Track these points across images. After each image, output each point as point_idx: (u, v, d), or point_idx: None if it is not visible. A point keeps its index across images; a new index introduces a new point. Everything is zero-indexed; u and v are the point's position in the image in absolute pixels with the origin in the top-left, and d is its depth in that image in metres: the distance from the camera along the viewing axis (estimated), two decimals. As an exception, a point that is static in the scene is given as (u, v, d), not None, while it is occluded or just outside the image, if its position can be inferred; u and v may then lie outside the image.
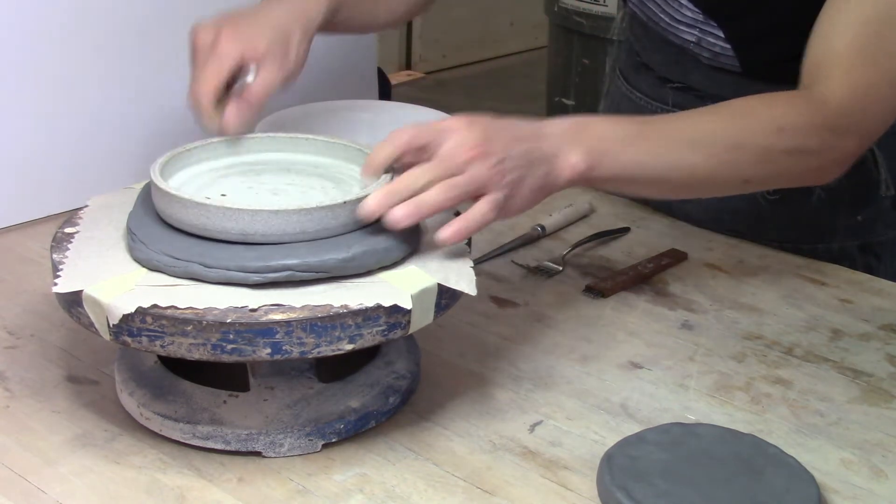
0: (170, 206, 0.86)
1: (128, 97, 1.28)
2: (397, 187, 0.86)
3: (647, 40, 1.27)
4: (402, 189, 0.86)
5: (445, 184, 0.86)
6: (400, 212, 0.85)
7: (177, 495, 0.82)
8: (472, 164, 0.86)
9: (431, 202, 0.86)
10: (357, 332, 0.81)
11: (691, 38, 1.18)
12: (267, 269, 0.82)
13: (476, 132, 0.88)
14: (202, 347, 0.80)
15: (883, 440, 0.90)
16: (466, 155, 0.86)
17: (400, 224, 0.85)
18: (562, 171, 0.91)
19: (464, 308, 1.05)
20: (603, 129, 0.94)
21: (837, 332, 1.05)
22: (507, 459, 0.87)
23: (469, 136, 0.87)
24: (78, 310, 0.83)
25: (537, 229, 1.23)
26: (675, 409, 0.93)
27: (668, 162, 0.95)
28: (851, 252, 1.23)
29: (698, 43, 1.18)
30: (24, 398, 0.92)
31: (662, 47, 1.24)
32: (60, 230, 0.92)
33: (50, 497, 0.81)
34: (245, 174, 0.96)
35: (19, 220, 1.22)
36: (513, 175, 0.88)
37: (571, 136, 0.92)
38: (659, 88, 1.26)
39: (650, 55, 1.27)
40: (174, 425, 0.86)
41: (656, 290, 1.12)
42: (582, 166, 0.91)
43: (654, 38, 1.25)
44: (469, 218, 0.87)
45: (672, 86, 1.25)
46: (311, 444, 0.86)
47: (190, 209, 0.85)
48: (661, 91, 1.26)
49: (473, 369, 0.98)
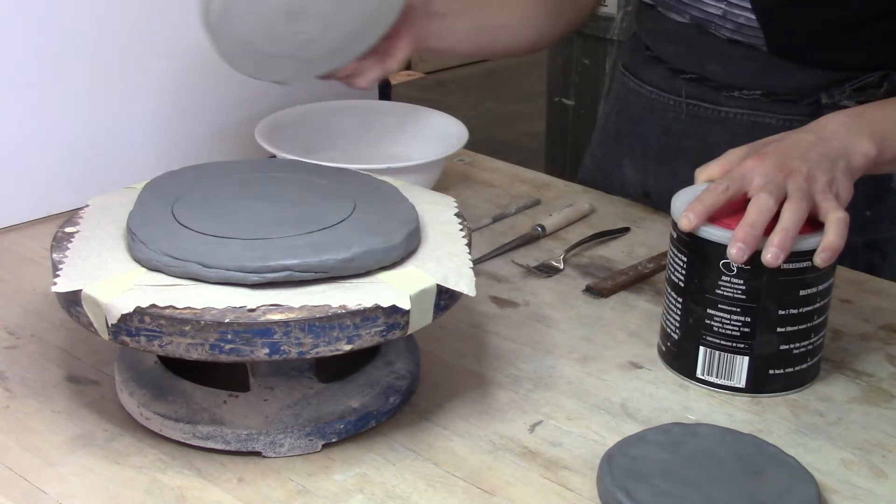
0: None
1: (128, 97, 1.28)
2: (749, 226, 0.88)
3: (658, 32, 1.27)
4: (758, 220, 0.88)
5: (790, 206, 0.89)
6: (774, 247, 0.88)
7: (177, 495, 0.82)
8: (790, 184, 0.91)
9: (793, 225, 0.88)
10: (355, 333, 0.81)
11: (717, 12, 1.18)
12: (266, 269, 0.82)
13: (770, 159, 0.93)
14: (200, 347, 0.80)
15: (883, 440, 0.90)
16: (781, 180, 0.91)
17: (780, 259, 0.88)
18: (857, 161, 0.95)
19: (464, 308, 1.05)
20: (877, 114, 0.99)
21: (837, 332, 1.05)
22: (507, 459, 0.87)
23: (768, 165, 0.92)
24: (77, 309, 0.83)
25: (537, 229, 1.23)
26: (675, 409, 0.93)
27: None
28: (854, 247, 1.22)
29: (723, 16, 1.18)
30: (24, 398, 0.92)
31: (675, 37, 1.24)
32: (60, 230, 0.92)
33: (50, 497, 0.81)
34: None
35: (19, 220, 1.22)
36: (825, 178, 0.92)
37: (852, 127, 0.97)
38: (671, 80, 1.26)
39: (662, 47, 1.27)
40: (174, 425, 0.86)
41: (656, 290, 1.12)
42: (873, 152, 0.96)
43: (668, 28, 1.24)
44: (840, 224, 0.90)
45: (685, 76, 1.25)
46: (311, 444, 0.86)
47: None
48: (674, 82, 1.26)
49: (473, 369, 0.98)
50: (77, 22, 1.22)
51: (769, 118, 1.21)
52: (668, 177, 1.28)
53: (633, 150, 1.34)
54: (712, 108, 1.24)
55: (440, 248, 0.90)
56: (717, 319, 0.93)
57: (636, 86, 1.32)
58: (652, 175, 1.32)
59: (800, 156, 0.93)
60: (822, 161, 0.93)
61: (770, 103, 1.21)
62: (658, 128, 1.30)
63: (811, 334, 0.94)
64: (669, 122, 1.28)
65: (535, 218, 1.26)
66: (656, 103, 1.29)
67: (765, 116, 1.21)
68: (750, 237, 0.88)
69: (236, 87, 1.36)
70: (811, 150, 0.94)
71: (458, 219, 0.96)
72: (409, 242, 0.88)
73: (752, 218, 0.89)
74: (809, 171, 0.92)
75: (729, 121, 1.23)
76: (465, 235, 0.93)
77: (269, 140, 1.28)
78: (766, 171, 0.92)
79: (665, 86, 1.27)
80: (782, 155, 0.93)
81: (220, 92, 1.35)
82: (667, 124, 1.28)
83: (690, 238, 0.92)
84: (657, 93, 1.29)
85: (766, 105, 1.21)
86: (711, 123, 1.24)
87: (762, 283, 0.90)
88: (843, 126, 0.97)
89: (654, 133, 1.30)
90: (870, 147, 0.96)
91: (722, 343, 0.93)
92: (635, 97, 1.32)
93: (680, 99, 1.26)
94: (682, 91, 1.26)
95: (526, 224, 1.25)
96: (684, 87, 1.25)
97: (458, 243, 0.92)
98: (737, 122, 1.23)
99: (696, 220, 0.91)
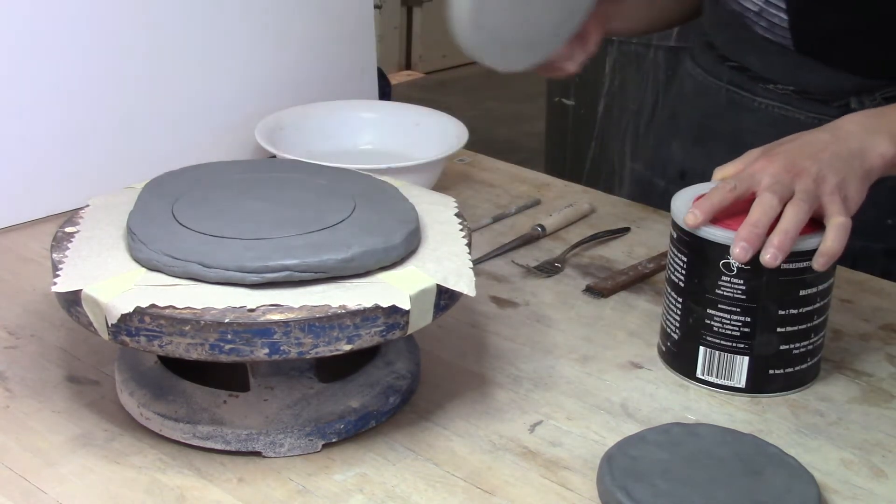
0: None
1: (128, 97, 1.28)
2: (752, 225, 0.88)
3: (714, 18, 1.30)
4: (761, 219, 0.89)
5: (792, 207, 0.89)
6: (773, 248, 0.88)
7: (177, 495, 0.82)
8: (797, 184, 0.90)
9: (793, 227, 0.88)
10: (355, 333, 0.81)
11: (753, 8, 1.19)
12: (265, 269, 0.82)
13: (780, 159, 0.92)
14: (200, 347, 0.80)
15: (883, 440, 0.90)
16: (788, 180, 0.90)
17: (778, 260, 0.88)
18: (874, 162, 0.94)
19: (464, 308, 1.05)
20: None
21: (837, 332, 1.05)
22: (507, 459, 0.86)
23: (778, 165, 0.92)
24: (77, 309, 0.83)
25: (537, 229, 1.23)
26: (675, 409, 0.93)
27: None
28: (874, 253, 1.22)
29: (759, 13, 1.19)
30: (24, 398, 0.92)
31: (726, 27, 1.27)
32: (60, 230, 0.92)
33: (50, 497, 0.81)
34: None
35: (19, 220, 1.22)
36: (835, 179, 0.92)
37: (871, 127, 0.96)
38: (718, 66, 1.29)
39: (716, 33, 1.30)
40: (174, 425, 0.86)
41: (656, 290, 1.12)
42: (891, 152, 0.95)
43: (720, 16, 1.27)
44: (840, 229, 0.90)
45: (729, 63, 1.28)
46: (311, 444, 0.86)
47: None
48: (720, 68, 1.29)
49: (473, 369, 0.98)
50: (76, 22, 1.22)
51: (799, 114, 1.22)
52: (702, 157, 1.31)
53: (681, 129, 1.37)
54: (749, 96, 1.26)
55: (440, 248, 0.90)
56: (718, 319, 0.93)
57: (691, 68, 1.35)
58: (690, 154, 1.35)
59: (811, 156, 0.93)
60: (834, 161, 0.93)
61: (801, 100, 1.22)
62: (699, 110, 1.33)
63: (811, 334, 0.94)
64: (710, 105, 1.31)
65: (535, 218, 1.26)
66: (702, 86, 1.32)
67: (796, 112, 1.23)
68: (753, 236, 0.88)
69: (236, 87, 1.36)
70: (824, 149, 0.94)
71: (458, 219, 0.96)
72: (409, 242, 0.88)
73: (755, 217, 0.89)
74: (819, 172, 0.92)
75: (762, 111, 1.25)
76: (465, 235, 0.93)
77: (269, 140, 1.28)
78: (775, 171, 0.91)
79: (712, 70, 1.30)
80: (794, 155, 0.93)
81: (220, 92, 1.36)
82: (707, 107, 1.31)
83: (691, 238, 0.92)
84: (703, 75, 1.32)
85: (797, 101, 1.22)
86: (746, 111, 1.27)
87: (762, 283, 0.90)
88: (861, 126, 0.96)
89: (696, 115, 1.34)
90: (888, 147, 0.95)
91: (722, 343, 0.93)
92: (690, 81, 1.35)
93: (721, 84, 1.28)
94: (724, 77, 1.28)
95: (526, 224, 1.25)
96: (726, 74, 1.28)
97: (458, 243, 0.92)
98: (769, 112, 1.25)
99: (702, 216, 0.91)
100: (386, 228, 0.88)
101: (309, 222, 0.89)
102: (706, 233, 0.91)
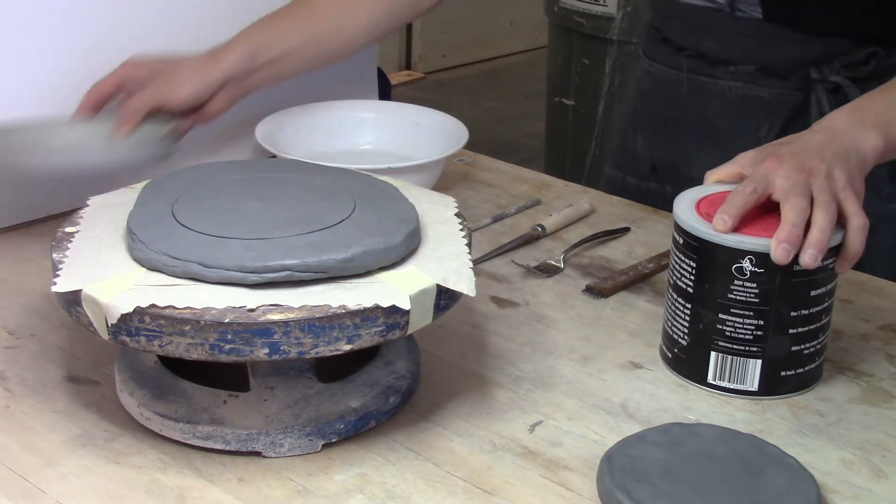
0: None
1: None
2: (792, 225, 0.89)
3: (667, 11, 1.34)
4: (797, 220, 0.89)
5: (821, 207, 0.90)
6: (812, 249, 0.88)
7: (177, 495, 0.82)
8: (813, 184, 0.91)
9: (828, 227, 0.89)
10: (355, 333, 0.81)
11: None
12: (265, 269, 0.82)
13: (789, 161, 0.93)
14: (200, 347, 0.80)
15: (883, 440, 0.90)
16: (803, 180, 0.91)
17: (818, 261, 0.89)
18: (868, 155, 0.97)
19: (464, 308, 1.05)
20: (878, 106, 1.01)
21: (837, 332, 1.05)
22: (507, 459, 0.87)
23: (788, 166, 0.92)
24: (77, 309, 0.83)
25: (537, 229, 1.23)
26: (675, 409, 0.93)
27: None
28: None
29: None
30: (24, 398, 0.92)
31: (679, 16, 1.31)
32: (60, 230, 0.92)
33: (50, 497, 0.81)
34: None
35: (19, 220, 1.22)
36: (844, 175, 0.93)
37: (857, 122, 0.98)
38: (675, 57, 1.33)
39: (670, 26, 1.34)
40: (174, 425, 0.86)
41: (656, 290, 1.12)
42: (881, 143, 0.97)
43: (673, 8, 1.31)
44: (861, 232, 0.92)
45: (686, 53, 1.32)
46: (311, 444, 0.86)
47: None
48: (677, 59, 1.33)
49: (473, 369, 0.98)
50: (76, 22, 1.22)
51: (762, 91, 1.27)
52: (671, 148, 1.35)
53: (643, 125, 1.40)
54: (710, 81, 1.30)
55: (440, 248, 0.90)
56: (730, 324, 0.92)
57: (647, 65, 1.38)
58: (658, 148, 1.38)
59: (816, 154, 0.94)
60: (837, 159, 0.94)
61: (762, 77, 1.27)
62: (662, 101, 1.36)
63: (819, 334, 0.94)
64: (672, 95, 1.34)
65: (535, 218, 1.26)
66: (662, 79, 1.35)
67: (758, 90, 1.27)
68: (794, 237, 0.88)
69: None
70: (825, 148, 0.95)
71: (458, 219, 0.96)
72: (409, 242, 0.88)
73: (792, 218, 0.89)
74: (828, 170, 0.93)
75: (725, 93, 1.29)
76: (465, 235, 0.93)
77: (269, 140, 1.27)
78: (787, 172, 0.92)
79: (669, 62, 1.34)
80: (799, 155, 0.94)
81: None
82: (670, 97, 1.35)
83: (700, 243, 0.92)
84: (662, 69, 1.35)
85: (758, 79, 1.27)
86: (709, 96, 1.30)
87: (775, 286, 0.90)
88: (849, 122, 0.98)
89: (659, 108, 1.37)
90: (877, 139, 0.97)
91: (734, 347, 0.93)
92: (648, 77, 1.38)
93: (681, 73, 1.32)
94: (684, 66, 1.32)
95: (526, 224, 1.25)
96: (685, 63, 1.32)
97: (458, 243, 0.92)
98: (733, 93, 1.29)
99: (732, 221, 0.91)
100: (386, 228, 0.88)
101: (309, 222, 0.88)
102: (717, 237, 0.91)
